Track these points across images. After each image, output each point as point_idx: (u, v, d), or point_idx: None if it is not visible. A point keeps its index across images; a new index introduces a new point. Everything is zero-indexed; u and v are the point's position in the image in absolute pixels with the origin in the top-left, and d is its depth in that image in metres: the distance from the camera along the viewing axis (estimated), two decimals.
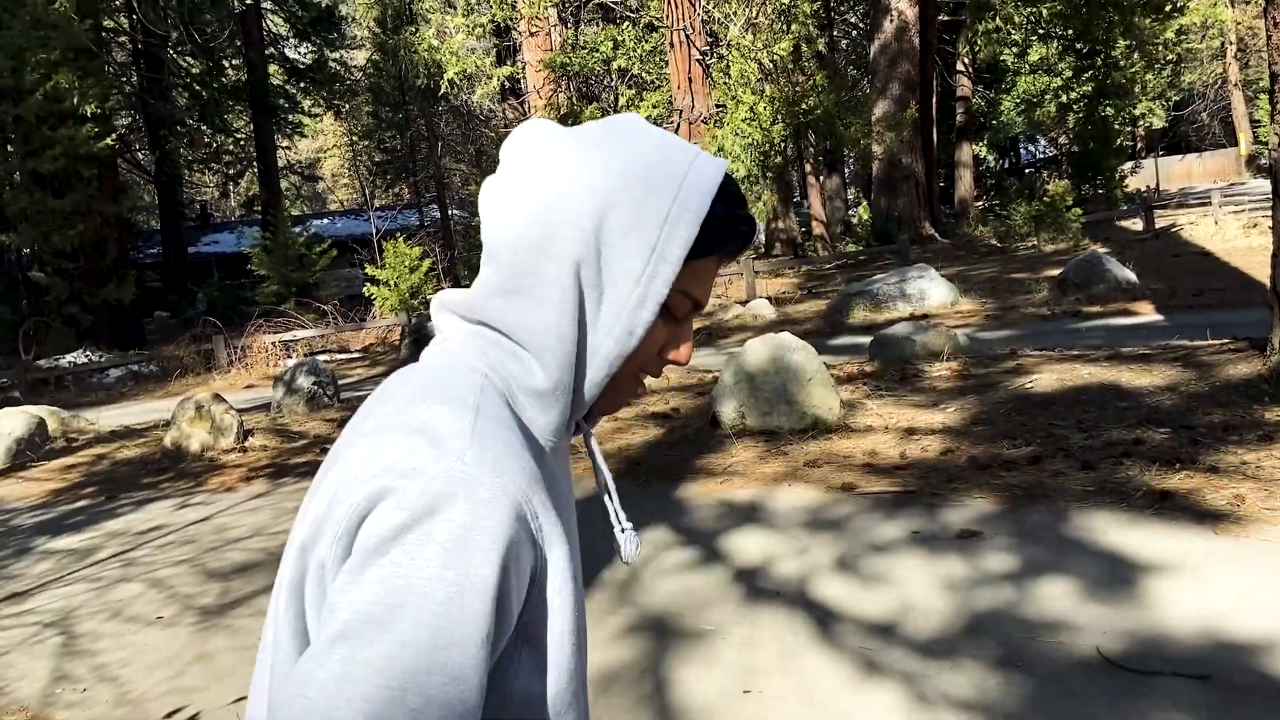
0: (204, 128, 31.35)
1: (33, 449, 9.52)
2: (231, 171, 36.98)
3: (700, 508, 5.08)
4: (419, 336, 16.14)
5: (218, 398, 8.76)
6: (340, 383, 13.06)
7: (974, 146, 31.41)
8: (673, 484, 5.58)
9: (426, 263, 19.70)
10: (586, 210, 0.85)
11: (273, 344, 16.94)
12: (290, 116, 32.97)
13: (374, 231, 25.20)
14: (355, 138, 35.16)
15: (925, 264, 13.96)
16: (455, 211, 31.88)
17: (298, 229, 25.88)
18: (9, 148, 19.05)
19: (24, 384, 15.65)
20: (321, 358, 17.00)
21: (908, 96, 23.00)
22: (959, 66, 29.84)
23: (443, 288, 22.06)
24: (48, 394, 16.43)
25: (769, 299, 15.08)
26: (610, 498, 1.01)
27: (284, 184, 37.37)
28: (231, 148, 33.93)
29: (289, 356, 16.52)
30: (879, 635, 3.38)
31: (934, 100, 27.46)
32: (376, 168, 33.68)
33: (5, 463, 9.19)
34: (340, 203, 49.25)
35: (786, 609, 3.69)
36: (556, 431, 0.90)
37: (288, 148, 38.48)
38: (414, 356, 11.20)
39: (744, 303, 14.97)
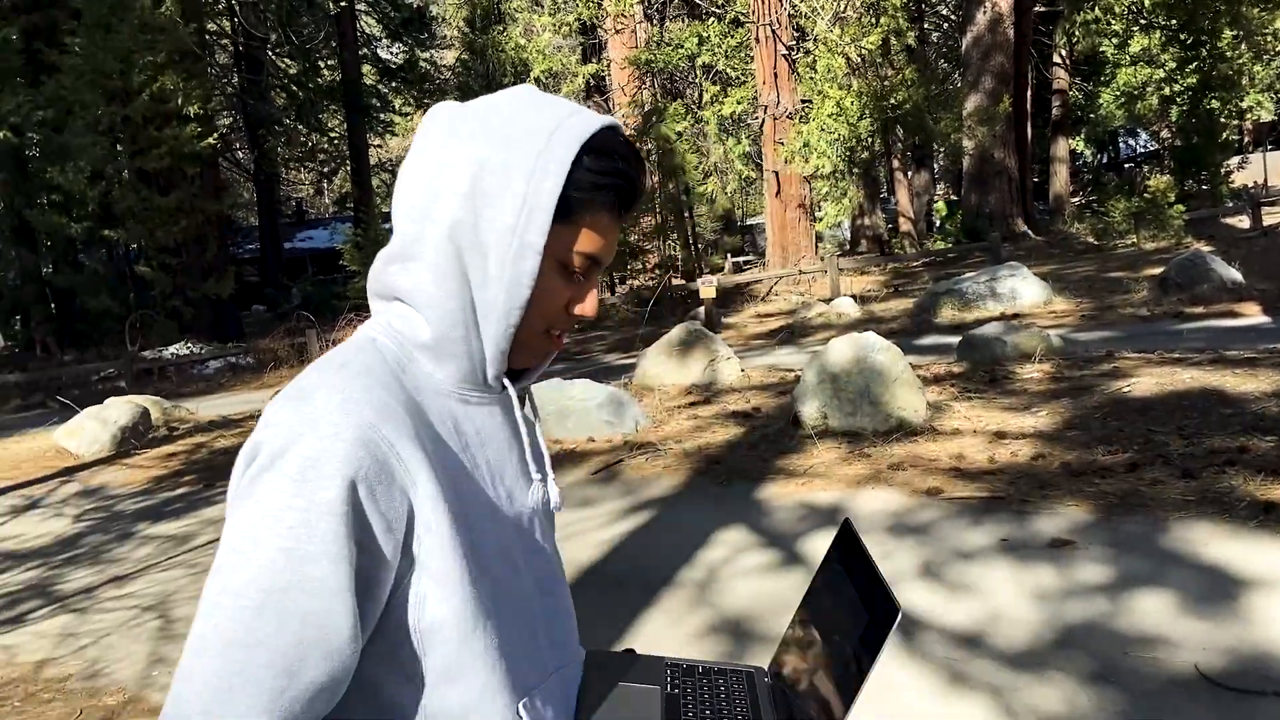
0: (300, 127, 32.28)
1: (137, 437, 9.92)
2: (326, 169, 37.96)
3: (780, 509, 5.03)
4: None
5: None
6: None
7: (1070, 141, 30.46)
8: (752, 484, 5.53)
9: None
10: (462, 176, 0.92)
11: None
12: (382, 115, 33.71)
13: None
14: None
15: (1017, 262, 13.57)
16: None
17: (387, 225, 26.40)
18: (118, 147, 19.86)
19: (130, 374, 16.32)
20: None
21: (1001, 90, 22.40)
22: (1055, 58, 28.96)
23: None
24: (151, 384, 17.12)
25: (853, 297, 14.85)
26: (525, 449, 1.05)
27: (375, 181, 38.17)
28: (326, 146, 34.85)
29: None
30: (965, 645, 3.29)
31: (1029, 93, 26.70)
32: None
33: (111, 449, 9.60)
34: None
35: None
36: (464, 382, 0.98)
37: (379, 146, 39.38)
38: None
39: (827, 301, 14.78)
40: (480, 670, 0.94)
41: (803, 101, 18.82)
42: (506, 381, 1.03)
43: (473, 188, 0.92)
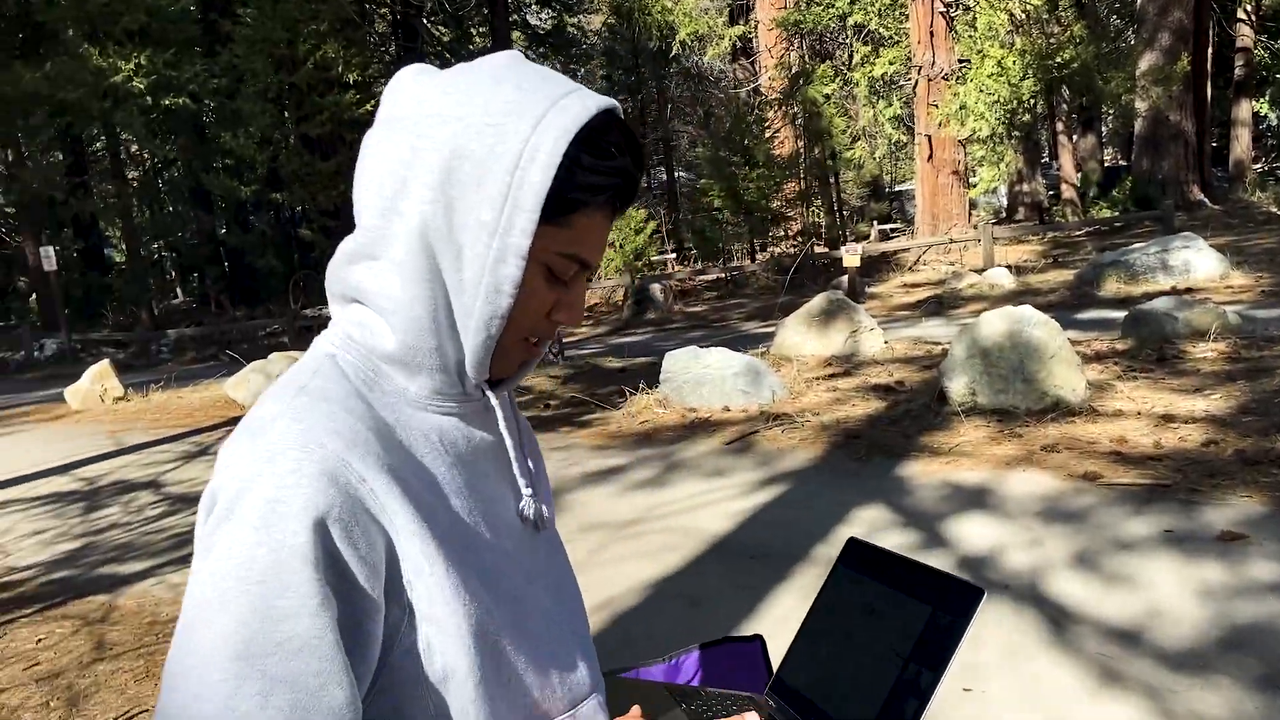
0: None
1: None
2: None
3: (922, 488, 4.83)
4: (641, 298, 16.39)
5: None
6: (567, 340, 13.47)
7: (1254, 103, 28.13)
8: (893, 461, 5.34)
9: (651, 225, 19.93)
10: (435, 164, 0.80)
11: None
12: None
13: None
14: None
15: (1191, 232, 12.63)
16: (681, 174, 32.06)
17: None
18: (285, 113, 20.83)
19: (292, 330, 17.20)
20: None
21: (1179, 47, 20.84)
22: (1240, 14, 26.71)
23: (666, 251, 22.07)
24: (309, 339, 17.96)
25: (1008, 267, 14.17)
26: (512, 461, 0.94)
27: None
28: None
29: None
30: (1120, 641, 3.08)
31: (1209, 51, 24.76)
32: None
33: None
34: None
35: (1015, 604, 3.43)
36: (440, 393, 0.87)
37: None
38: (635, 317, 11.27)
39: (980, 271, 14.15)
40: (501, 711, 0.85)
41: (960, 61, 18.00)
42: (489, 391, 0.92)
43: (447, 179, 0.80)
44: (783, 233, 20.69)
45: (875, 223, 27.22)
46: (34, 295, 28.30)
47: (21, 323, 26.55)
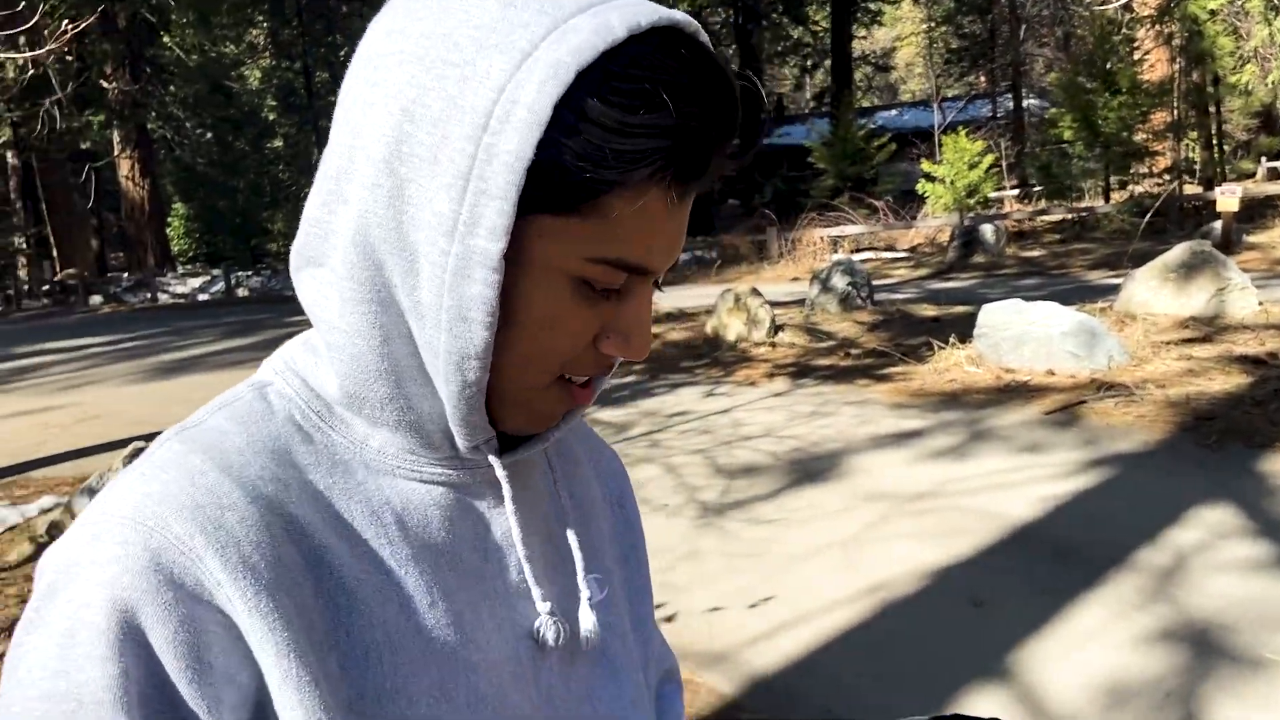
0: (786, 20, 32.42)
1: None
2: (809, 64, 37.95)
3: None
4: (969, 239, 15.21)
5: (755, 291, 8.99)
6: (880, 283, 12.81)
7: None
8: (1254, 452, 4.45)
9: (989, 158, 18.41)
10: (383, 128, 0.53)
11: (821, 239, 17.18)
12: (870, 4, 32.70)
13: (935, 124, 24.16)
14: (933, 23, 33.93)
15: None
16: (1031, 101, 29.45)
17: (864, 121, 25.77)
18: None
19: None
20: (865, 255, 16.91)
21: None
22: None
23: (1004, 186, 20.58)
24: None
25: None
26: (523, 563, 0.64)
27: (856, 75, 37.48)
28: (809, 40, 34.74)
29: (835, 251, 16.64)
30: None
31: None
32: (951, 55, 32.33)
33: None
34: (911, 94, 48.37)
35: None
36: (409, 454, 0.60)
37: (864, 37, 38.43)
38: (961, 260, 10.45)
39: None
40: None
41: None
42: (494, 458, 0.62)
43: (395, 151, 0.52)
44: (1145, 169, 18.37)
45: (1264, 159, 23.45)
46: None
47: None
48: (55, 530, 4.41)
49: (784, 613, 3.40)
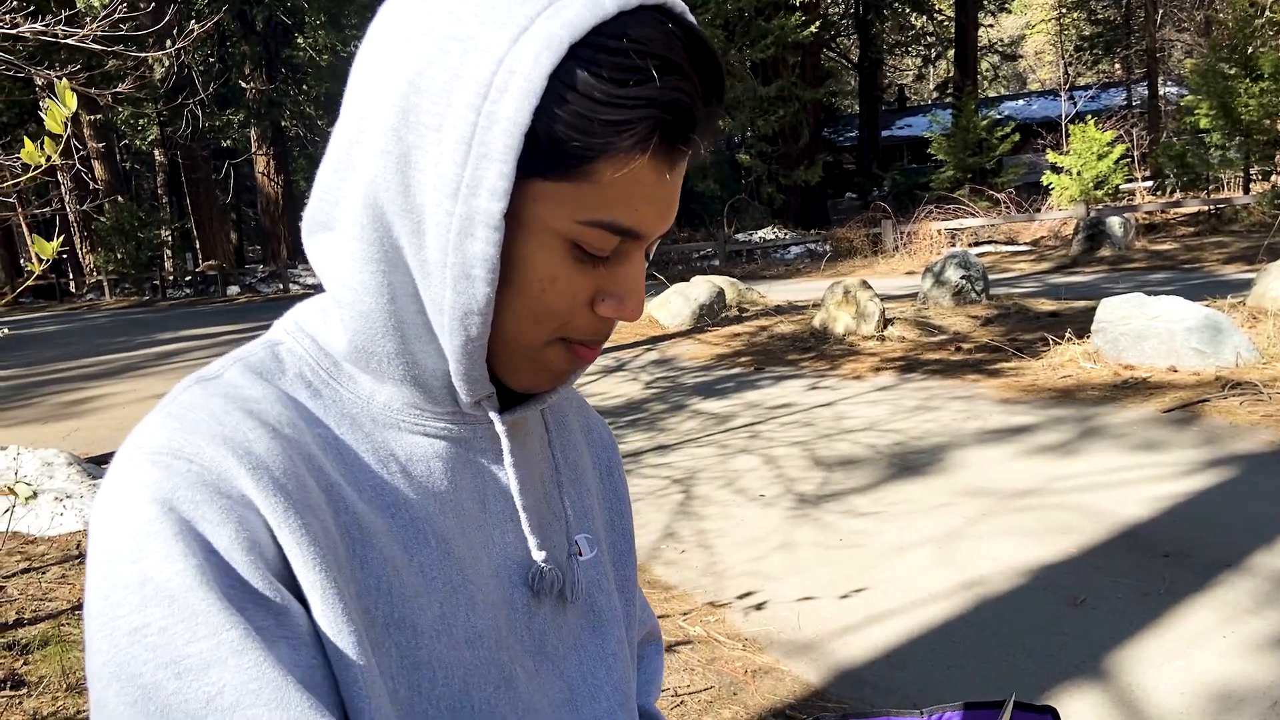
0: (908, 9, 31.68)
1: (711, 314, 10.73)
2: (932, 54, 37.00)
3: None
4: (1095, 232, 14.60)
5: (864, 284, 8.86)
6: (998, 277, 12.44)
7: None
8: None
9: (1119, 148, 17.61)
10: (392, 98, 0.57)
11: (938, 231, 16.76)
12: None
13: (1063, 113, 23.23)
14: (1064, 9, 32.64)
15: None
16: (1168, 89, 28.00)
17: (988, 111, 24.99)
18: (730, 39, 21.27)
19: (722, 254, 17.79)
20: (984, 249, 16.42)
21: None
22: None
23: (1135, 177, 19.59)
24: (739, 265, 18.48)
25: None
26: (520, 514, 0.69)
27: (982, 65, 36.34)
28: (932, 29, 33.88)
29: (953, 244, 16.21)
30: None
31: None
32: (1083, 42, 31.03)
33: (690, 324, 10.51)
34: (1040, 83, 46.65)
35: None
36: (412, 408, 0.65)
37: (990, 25, 37.22)
38: (1085, 254, 10.09)
39: None
40: None
41: None
42: (495, 414, 0.66)
43: (403, 119, 0.57)
44: None
45: None
46: None
47: None
48: None
49: (875, 605, 3.38)
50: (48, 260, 1.82)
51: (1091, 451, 4.83)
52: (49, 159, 1.75)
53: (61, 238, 1.97)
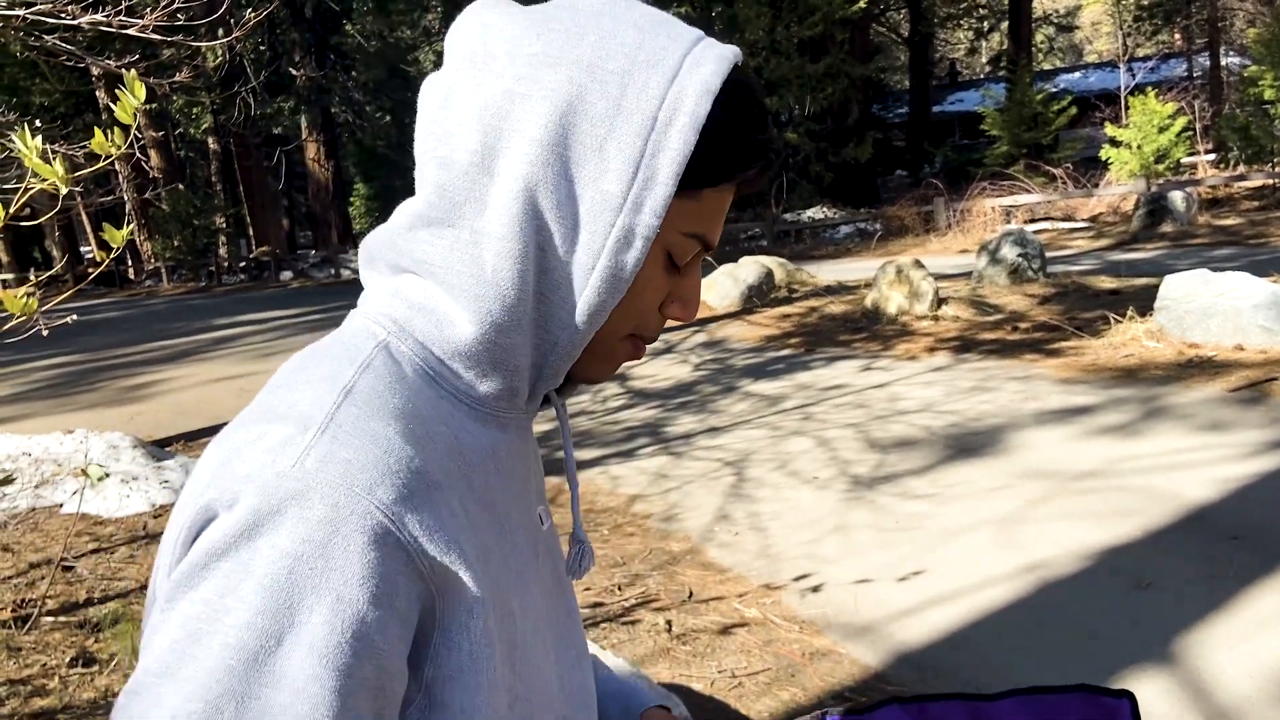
0: None
1: (759, 295, 10.66)
2: (985, 26, 36.24)
3: None
4: (1155, 207, 14.24)
5: (917, 263, 8.74)
6: (1055, 254, 12.20)
7: None
8: None
9: (1181, 121, 17.12)
10: (543, 116, 0.65)
11: (993, 209, 16.45)
12: None
13: (1122, 85, 22.64)
14: None
15: None
16: (1231, 59, 27.15)
17: (1043, 85, 24.44)
18: (777, 17, 21.03)
19: (771, 235, 17.66)
20: (1041, 225, 16.10)
21: None
22: None
23: (1197, 150, 19.10)
24: (788, 245, 18.33)
25: None
26: (574, 494, 0.82)
27: (1037, 37, 35.54)
28: (984, 1, 33.16)
29: (1008, 222, 15.91)
30: None
31: None
32: (1142, 12, 30.15)
33: (738, 305, 10.45)
34: (1098, 54, 45.53)
35: None
36: (499, 399, 0.71)
37: None
38: (1146, 230, 9.89)
39: None
40: None
41: None
42: (555, 399, 0.78)
43: (561, 137, 0.65)
44: None
45: None
46: None
47: None
48: None
49: (934, 588, 3.34)
50: (118, 247, 1.85)
51: (1156, 432, 4.73)
52: (119, 149, 1.78)
53: (131, 226, 2.01)
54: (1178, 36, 31.32)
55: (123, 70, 1.88)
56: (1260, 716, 2.44)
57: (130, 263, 31.66)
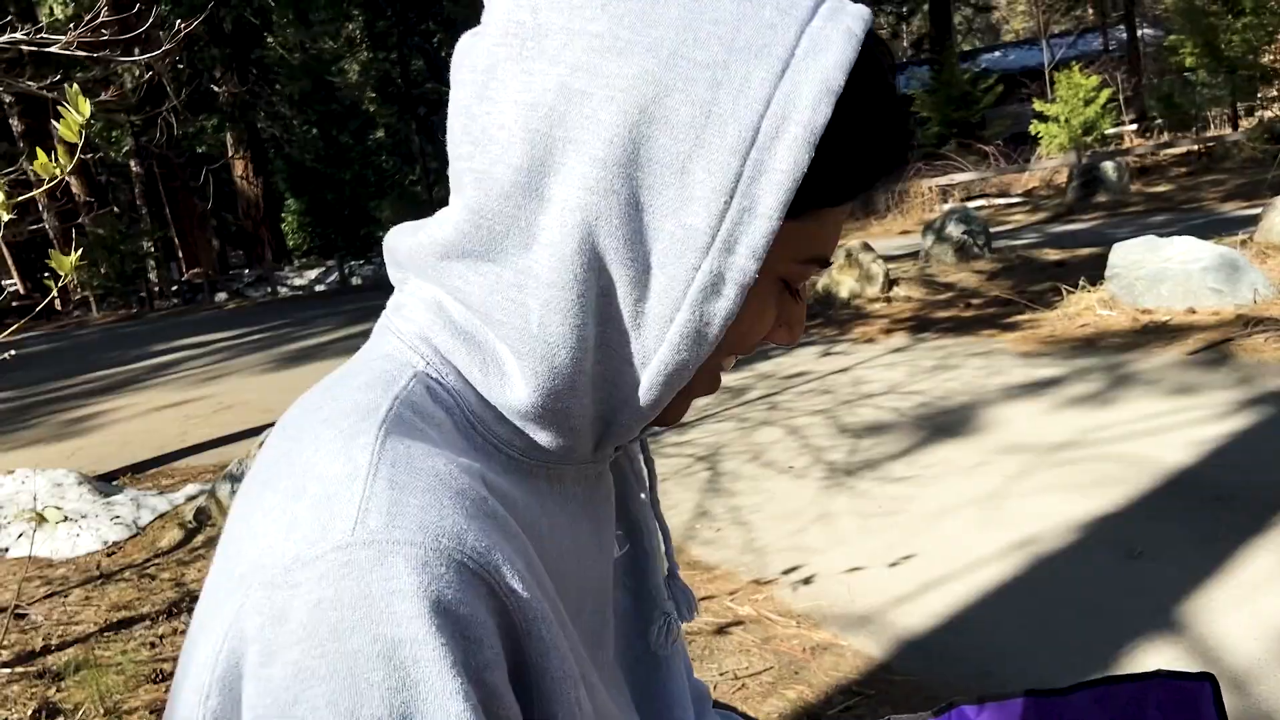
0: None
1: None
2: (904, 9, 36.73)
3: None
4: (1089, 178, 14.52)
5: (866, 246, 8.77)
6: (996, 230, 12.36)
7: None
8: None
9: (1105, 93, 17.49)
10: (609, 126, 0.48)
11: (929, 188, 16.66)
12: None
13: (1045, 61, 23.08)
14: None
15: None
16: (1146, 30, 27.89)
17: (967, 65, 24.86)
18: None
19: None
20: (977, 203, 16.33)
21: None
22: None
23: (1122, 121, 19.59)
24: None
25: None
26: (664, 542, 0.71)
27: (955, 18, 36.13)
28: None
29: (945, 201, 16.11)
30: None
31: None
32: None
33: None
34: (1015, 33, 46.45)
35: None
36: (549, 454, 0.56)
37: None
38: (1081, 201, 10.08)
39: None
40: None
41: None
42: (636, 449, 0.71)
43: (631, 153, 0.48)
44: (1276, 93, 17.18)
45: None
46: None
47: None
48: (202, 516, 4.60)
49: (927, 572, 3.29)
50: (67, 275, 1.71)
51: (1125, 399, 4.76)
52: (64, 169, 1.63)
53: (78, 253, 1.86)
54: (1092, 12, 32.07)
55: (42, 93, 1.74)
56: (1274, 677, 2.42)
57: (55, 293, 30.68)
